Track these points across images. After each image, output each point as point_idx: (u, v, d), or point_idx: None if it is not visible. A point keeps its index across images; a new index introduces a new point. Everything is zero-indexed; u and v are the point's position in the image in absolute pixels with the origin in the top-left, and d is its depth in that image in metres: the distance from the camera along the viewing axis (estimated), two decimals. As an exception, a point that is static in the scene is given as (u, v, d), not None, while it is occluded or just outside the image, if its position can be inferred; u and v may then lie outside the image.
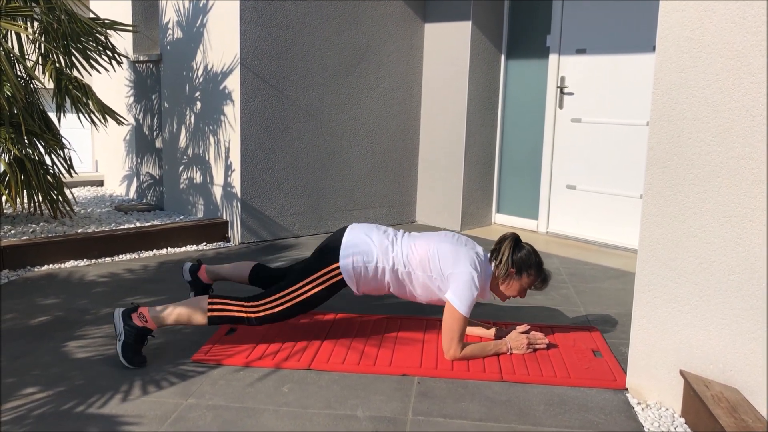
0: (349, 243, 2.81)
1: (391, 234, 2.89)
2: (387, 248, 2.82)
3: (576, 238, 5.23)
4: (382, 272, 2.81)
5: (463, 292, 2.72)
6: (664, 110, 2.36)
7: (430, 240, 2.83)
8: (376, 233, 2.87)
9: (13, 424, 2.19)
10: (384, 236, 2.86)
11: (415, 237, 2.89)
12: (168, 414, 2.29)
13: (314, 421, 2.28)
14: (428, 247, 2.80)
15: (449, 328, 2.75)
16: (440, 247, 2.79)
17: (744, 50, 2.16)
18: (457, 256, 2.77)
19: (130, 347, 2.65)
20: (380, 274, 2.82)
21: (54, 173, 4.67)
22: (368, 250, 2.81)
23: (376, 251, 2.81)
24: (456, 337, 2.75)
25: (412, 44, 5.57)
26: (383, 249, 2.82)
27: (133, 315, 2.68)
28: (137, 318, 2.68)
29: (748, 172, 2.17)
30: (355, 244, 2.81)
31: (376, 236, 2.85)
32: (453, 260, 2.76)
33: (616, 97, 4.92)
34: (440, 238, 2.84)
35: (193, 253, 4.50)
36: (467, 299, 2.72)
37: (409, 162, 5.74)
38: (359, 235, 2.85)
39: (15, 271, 3.94)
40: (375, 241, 2.83)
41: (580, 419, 2.34)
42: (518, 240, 2.85)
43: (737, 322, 2.23)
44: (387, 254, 2.81)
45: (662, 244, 2.40)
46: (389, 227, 2.99)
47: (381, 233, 2.88)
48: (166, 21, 5.23)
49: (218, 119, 4.83)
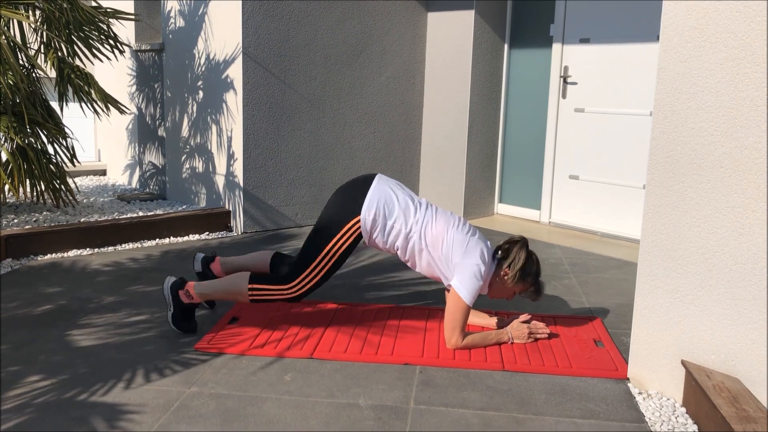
0: (373, 196, 2.80)
1: (415, 199, 2.88)
2: (408, 212, 2.81)
3: (578, 229, 5.22)
4: (396, 235, 2.81)
5: (469, 281, 2.73)
6: (667, 100, 2.35)
7: (449, 222, 2.82)
8: (401, 193, 2.86)
9: (16, 411, 2.21)
10: (408, 199, 2.85)
11: (436, 212, 2.86)
12: (171, 402, 2.30)
13: (316, 409, 2.29)
14: (446, 228, 2.80)
15: (452, 317, 2.75)
16: (455, 234, 2.79)
17: (748, 39, 2.14)
18: (468, 247, 2.77)
19: (179, 318, 2.87)
20: (393, 236, 2.81)
21: (57, 162, 4.67)
22: (392, 208, 2.80)
23: (398, 212, 2.81)
24: (458, 327, 2.75)
25: (415, 33, 5.54)
26: (405, 212, 2.81)
27: (180, 292, 2.86)
28: (184, 295, 2.87)
29: (751, 162, 2.16)
30: (380, 198, 2.80)
31: (402, 196, 2.84)
32: (463, 250, 2.77)
33: (619, 87, 4.90)
34: (456, 225, 2.83)
35: (196, 242, 4.51)
36: (473, 289, 2.73)
37: (412, 152, 5.73)
38: (385, 189, 2.83)
39: (18, 260, 3.95)
40: (400, 201, 2.82)
41: (581, 408, 2.35)
42: (528, 245, 2.86)
43: (739, 312, 2.23)
44: (407, 219, 2.81)
45: (665, 234, 2.40)
46: (412, 193, 2.95)
47: (406, 195, 2.86)
48: (168, 9, 5.22)
49: (220, 108, 4.82)
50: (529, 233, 5.07)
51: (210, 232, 4.75)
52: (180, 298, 2.88)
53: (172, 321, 2.88)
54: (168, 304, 2.90)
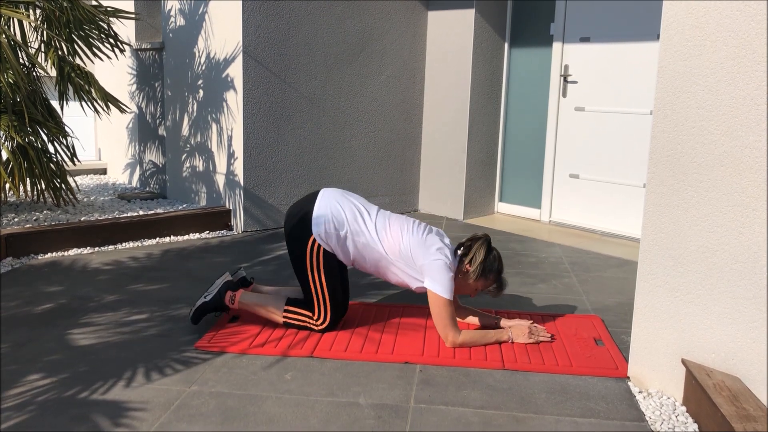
0: (319, 212, 2.83)
1: (365, 208, 2.89)
2: (358, 221, 2.83)
3: (579, 227, 5.22)
4: (354, 246, 2.82)
5: (440, 276, 2.73)
6: (667, 99, 2.35)
7: (403, 227, 2.83)
8: (348, 203, 2.87)
9: (16, 410, 2.21)
10: (356, 209, 2.86)
11: (389, 218, 2.87)
12: (171, 401, 2.30)
13: (316, 408, 2.29)
14: (401, 233, 2.81)
15: (439, 317, 2.76)
16: (411, 238, 2.80)
17: (749, 38, 2.14)
18: (427, 245, 2.78)
19: (205, 309, 2.92)
20: (351, 248, 2.83)
21: (57, 161, 4.67)
22: (341, 220, 2.82)
23: (347, 223, 2.82)
24: (448, 323, 2.76)
25: (416, 32, 5.54)
26: (355, 221, 2.83)
27: (228, 292, 2.93)
28: (228, 299, 2.94)
29: (752, 161, 2.16)
30: (326, 212, 2.82)
31: (348, 206, 2.86)
32: (424, 250, 2.77)
33: (619, 86, 4.90)
34: (411, 228, 2.83)
35: (196, 241, 4.51)
36: (446, 283, 2.73)
37: (412, 150, 5.73)
38: (331, 202, 2.85)
39: (19, 258, 3.96)
40: (347, 212, 2.83)
41: (581, 407, 2.35)
42: (490, 242, 2.88)
43: (739, 311, 2.23)
44: (359, 228, 2.82)
45: (665, 233, 2.40)
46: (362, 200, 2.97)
47: (353, 206, 2.87)
48: (169, 8, 5.22)
49: (221, 107, 4.82)
50: (530, 232, 5.07)
51: (210, 231, 4.75)
52: (224, 298, 2.93)
53: (199, 307, 2.91)
54: (209, 292, 2.94)
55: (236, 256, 4.18)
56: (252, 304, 2.94)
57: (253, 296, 2.96)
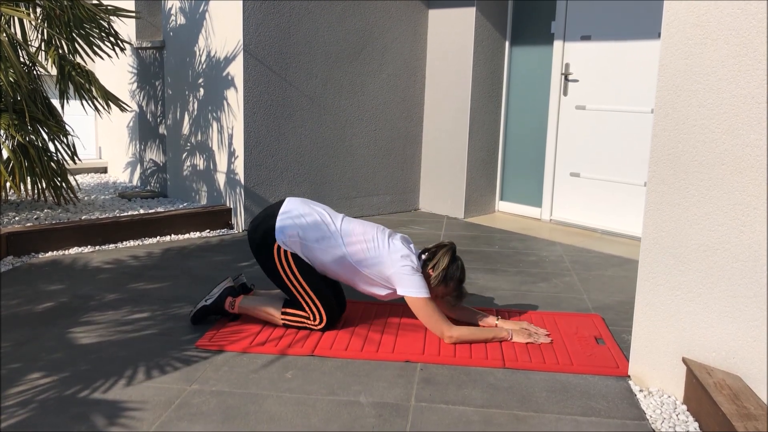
0: (282, 219, 2.83)
1: (328, 216, 2.89)
2: (320, 229, 2.83)
3: (579, 226, 5.22)
4: (322, 254, 2.82)
5: (410, 281, 2.76)
6: (668, 97, 2.35)
7: (366, 234, 2.84)
8: (310, 211, 2.88)
9: (17, 408, 2.21)
10: (318, 217, 2.86)
11: (352, 225, 2.87)
12: (172, 399, 2.31)
13: (317, 407, 2.29)
14: (365, 240, 2.82)
15: (425, 315, 2.77)
16: (374, 246, 2.81)
17: (750, 37, 2.14)
18: (391, 251, 2.80)
19: (205, 312, 2.96)
20: (320, 256, 2.82)
21: (58, 160, 4.67)
22: (304, 228, 2.82)
23: (311, 230, 2.82)
24: (437, 318, 2.77)
25: (416, 30, 5.54)
26: (317, 228, 2.83)
27: (228, 297, 2.97)
28: (228, 304, 2.97)
29: (753, 159, 2.16)
30: (287, 220, 2.83)
31: (310, 215, 2.86)
32: (389, 258, 2.79)
33: (620, 84, 4.89)
34: (374, 236, 2.84)
35: (197, 240, 4.51)
36: (418, 283, 2.76)
37: (413, 149, 5.73)
38: (292, 212, 2.85)
39: (19, 257, 3.96)
40: (308, 219, 2.84)
41: (582, 406, 2.35)
42: (455, 251, 2.90)
43: (740, 309, 2.23)
44: (323, 235, 2.82)
45: (666, 231, 2.40)
46: (327, 209, 2.96)
47: (316, 213, 2.87)
48: (169, 7, 5.21)
49: (221, 106, 4.82)
50: (531, 231, 5.07)
51: (211, 230, 4.75)
52: (225, 303, 2.96)
53: (199, 309, 2.95)
54: (210, 295, 2.98)
55: (237, 254, 4.18)
56: (251, 307, 2.96)
57: (252, 300, 2.98)
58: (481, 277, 3.84)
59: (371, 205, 5.51)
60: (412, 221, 5.33)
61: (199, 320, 2.97)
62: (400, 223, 5.22)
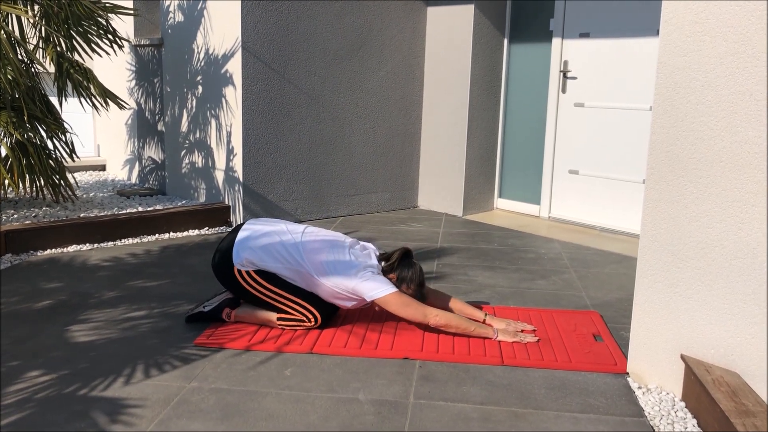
0: (240, 239, 2.87)
1: (288, 230, 2.91)
2: (281, 242, 2.85)
3: (578, 223, 5.22)
4: (284, 267, 2.84)
5: (374, 284, 2.78)
6: (667, 94, 2.35)
7: (325, 245, 2.86)
8: (270, 228, 2.91)
9: (16, 406, 2.21)
10: (277, 231, 2.89)
11: (313, 236, 2.90)
12: (171, 397, 2.31)
13: (316, 404, 2.29)
14: (326, 252, 2.84)
15: (402, 306, 2.77)
16: (336, 257, 2.83)
17: (748, 34, 2.14)
18: (354, 264, 2.82)
19: (202, 317, 2.97)
20: (282, 270, 2.84)
21: (56, 157, 4.67)
22: (265, 245, 2.85)
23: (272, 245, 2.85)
24: (416, 305, 2.78)
25: (415, 28, 5.53)
26: (278, 242, 2.85)
27: (226, 309, 2.96)
28: (225, 315, 2.97)
29: (751, 157, 2.16)
30: (245, 239, 2.86)
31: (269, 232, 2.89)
32: (353, 269, 2.81)
33: (619, 82, 4.89)
34: (335, 247, 2.86)
35: (196, 237, 4.51)
36: (381, 281, 2.79)
37: (412, 146, 5.73)
38: (250, 230, 2.89)
39: (18, 255, 3.95)
40: (268, 233, 2.87)
41: (580, 403, 2.35)
42: (409, 255, 2.94)
43: (738, 306, 2.23)
44: (285, 248, 2.84)
45: (664, 228, 2.40)
46: (288, 223, 2.99)
47: (276, 228, 2.90)
48: (167, 4, 5.20)
49: (220, 103, 4.82)
50: (529, 228, 5.07)
51: (210, 228, 4.75)
52: (222, 313, 2.97)
53: (195, 314, 2.98)
54: (209, 303, 2.98)
55: (236, 252, 4.17)
56: (248, 315, 2.96)
57: (248, 308, 2.98)
58: (480, 275, 3.84)
59: (370, 202, 5.51)
60: (411, 219, 5.33)
61: (194, 321, 2.99)
62: (398, 221, 5.22)
